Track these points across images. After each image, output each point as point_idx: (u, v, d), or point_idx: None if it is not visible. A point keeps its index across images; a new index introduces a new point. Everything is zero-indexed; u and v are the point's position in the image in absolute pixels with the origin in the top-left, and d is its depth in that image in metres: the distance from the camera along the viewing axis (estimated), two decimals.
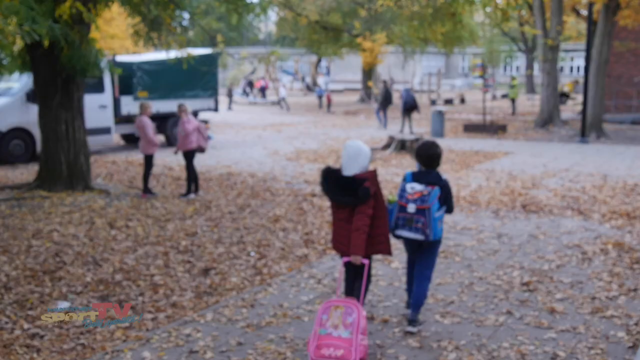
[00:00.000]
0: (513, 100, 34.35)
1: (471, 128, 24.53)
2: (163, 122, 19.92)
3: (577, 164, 16.14)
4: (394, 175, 14.34)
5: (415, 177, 5.58)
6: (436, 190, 5.43)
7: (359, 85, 48.97)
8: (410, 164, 16.14)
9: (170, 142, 20.08)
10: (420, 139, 18.09)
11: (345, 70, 72.20)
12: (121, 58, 20.06)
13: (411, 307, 5.73)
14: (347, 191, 5.17)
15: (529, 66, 55.45)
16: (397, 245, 8.23)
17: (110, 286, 7.02)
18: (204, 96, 21.07)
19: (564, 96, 40.49)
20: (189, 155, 12.08)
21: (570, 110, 33.01)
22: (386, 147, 18.48)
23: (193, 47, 24.11)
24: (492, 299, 6.46)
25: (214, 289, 6.99)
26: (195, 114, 20.56)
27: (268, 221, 10.08)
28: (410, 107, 24.05)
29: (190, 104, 20.03)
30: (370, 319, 5.97)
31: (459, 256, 8.03)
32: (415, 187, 5.47)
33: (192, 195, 12.02)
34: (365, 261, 5.24)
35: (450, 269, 7.53)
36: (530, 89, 51.84)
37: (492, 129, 23.95)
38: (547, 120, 25.42)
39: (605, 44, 22.62)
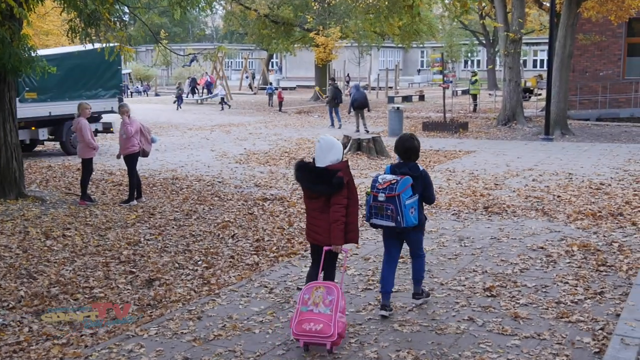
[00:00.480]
0: (474, 97, 34.85)
1: (431, 126, 24.82)
2: (57, 126, 18.78)
3: (541, 163, 16.47)
4: None
5: (392, 168, 6.30)
6: (406, 179, 6.06)
7: (313, 83, 49.04)
8: (367, 165, 16.25)
9: (66, 149, 19.02)
10: (378, 138, 18.23)
11: (297, 66, 72.29)
12: None
13: (413, 281, 6.59)
14: (321, 180, 5.76)
15: (491, 61, 56.38)
16: (352, 252, 8.29)
17: (46, 300, 6.88)
18: (105, 96, 19.68)
19: (528, 92, 41.18)
20: (130, 160, 11.93)
21: (534, 106, 33.58)
22: None
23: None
24: (454, 306, 6.54)
25: (158, 301, 6.92)
26: (96, 117, 19.47)
27: (216, 228, 10.03)
28: (359, 104, 24.25)
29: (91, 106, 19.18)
30: None
31: None
32: (385, 177, 6.15)
33: (134, 202, 11.88)
34: (346, 250, 5.95)
35: (409, 275, 7.59)
36: (493, 84, 52.66)
37: (453, 127, 24.26)
38: (510, 117, 25.83)
39: (568, 37, 23.07)
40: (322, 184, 5.76)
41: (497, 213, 10.81)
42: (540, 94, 38.56)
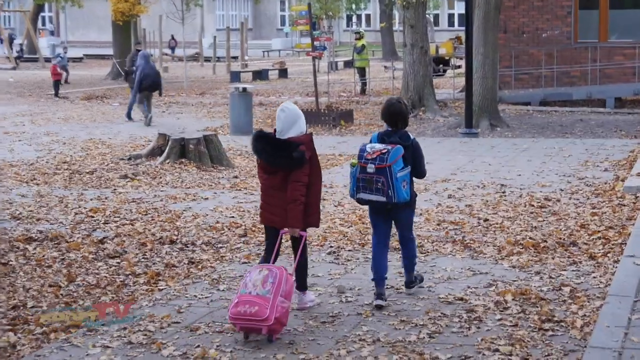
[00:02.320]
0: (362, 71, 35.35)
1: None
2: None
3: (460, 170, 16.98)
4: (169, 200, 14.34)
5: (380, 137, 8.53)
6: (398, 149, 8.22)
7: (110, 51, 48.44)
8: (196, 181, 16.18)
9: None
10: (213, 138, 18.20)
11: (85, 26, 71.41)
12: None
13: (404, 270, 9.01)
14: (282, 154, 7.99)
15: (386, 16, 57.74)
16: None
17: None
18: None
19: (441, 63, 42.33)
20: None
21: (451, 84, 34.47)
22: (155, 153, 18.39)
23: None
24: None
25: None
26: None
27: None
28: (152, 83, 24.36)
29: None
30: None
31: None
32: (375, 147, 8.28)
33: None
34: (304, 233, 8.27)
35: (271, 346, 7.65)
36: (390, 52, 53.99)
37: (330, 118, 24.54)
38: (415, 101, 26.28)
39: None
40: (282, 158, 8.00)
41: (395, 249, 11.03)
42: (459, 66, 39.74)
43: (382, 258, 8.73)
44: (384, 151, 8.18)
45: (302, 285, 8.62)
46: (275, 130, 8.28)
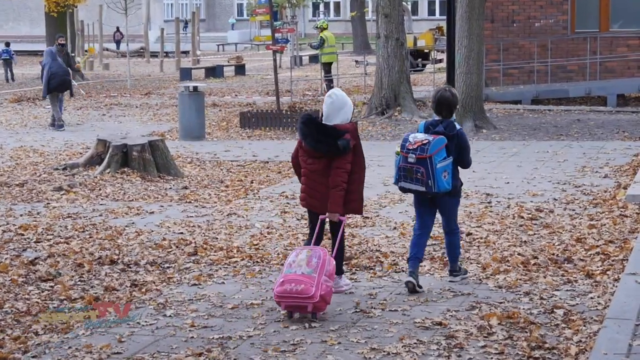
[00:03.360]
0: (327, 67, 35.26)
1: (255, 120, 25.00)
2: None
3: None
4: (109, 214, 14.28)
5: (426, 126, 9.79)
6: (440, 140, 9.45)
7: (44, 46, 48.21)
8: (139, 192, 16.13)
9: None
10: (159, 144, 18.16)
11: (15, 18, 71.06)
12: None
13: (449, 259, 10.38)
14: (327, 140, 9.24)
15: (357, 3, 57.71)
16: None
17: None
18: None
19: (420, 57, 42.39)
20: None
21: (430, 81, 34.45)
22: (93, 161, 18.31)
23: None
24: None
25: None
26: None
27: None
28: (61, 83, 24.46)
29: None
30: None
31: None
32: (417, 137, 9.55)
33: None
34: (343, 218, 9.60)
35: None
36: (362, 44, 53.98)
37: (294, 119, 24.39)
38: (390, 100, 26.30)
39: None
40: (327, 144, 9.24)
41: (367, 267, 11.07)
42: (440, 60, 39.78)
43: (420, 242, 10.01)
44: (425, 142, 9.40)
45: (338, 269, 9.72)
46: (321, 115, 9.61)
